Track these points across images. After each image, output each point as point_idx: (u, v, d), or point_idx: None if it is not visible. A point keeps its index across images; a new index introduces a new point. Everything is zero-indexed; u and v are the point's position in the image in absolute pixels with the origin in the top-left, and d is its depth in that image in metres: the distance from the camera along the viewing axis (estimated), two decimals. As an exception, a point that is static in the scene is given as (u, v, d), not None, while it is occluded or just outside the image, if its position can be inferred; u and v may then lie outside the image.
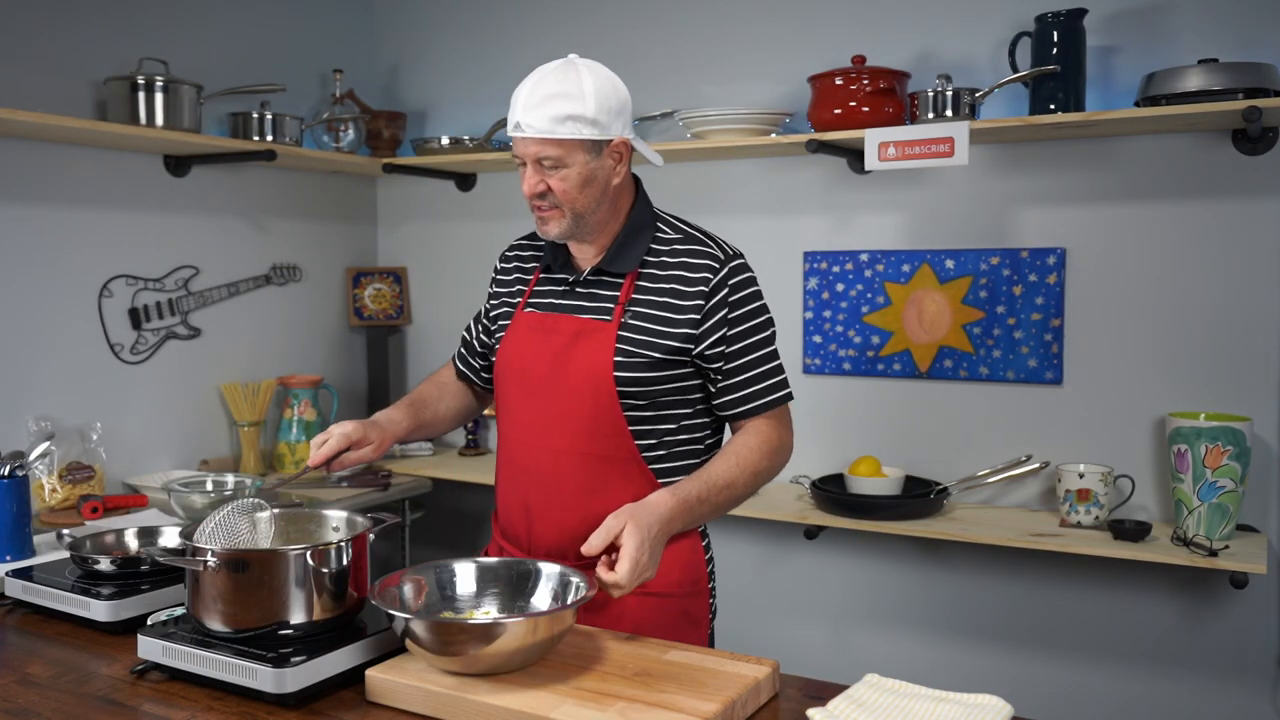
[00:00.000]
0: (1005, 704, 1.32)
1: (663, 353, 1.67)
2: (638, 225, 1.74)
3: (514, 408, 1.78)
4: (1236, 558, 2.29)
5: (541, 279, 1.82)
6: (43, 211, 2.74)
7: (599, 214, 1.70)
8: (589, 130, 1.62)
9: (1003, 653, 2.81)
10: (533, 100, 1.63)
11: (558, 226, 1.70)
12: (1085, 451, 2.66)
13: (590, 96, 1.62)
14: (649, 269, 1.72)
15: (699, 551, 1.80)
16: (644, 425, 1.70)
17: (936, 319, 2.84)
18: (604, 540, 1.51)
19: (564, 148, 1.63)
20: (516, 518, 1.79)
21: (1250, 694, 2.54)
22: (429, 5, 3.62)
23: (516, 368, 1.77)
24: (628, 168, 1.73)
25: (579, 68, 1.65)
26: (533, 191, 1.67)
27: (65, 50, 2.77)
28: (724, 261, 1.71)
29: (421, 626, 1.34)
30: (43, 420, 2.70)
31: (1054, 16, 2.49)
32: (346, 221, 3.65)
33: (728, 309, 1.69)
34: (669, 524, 1.58)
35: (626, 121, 1.69)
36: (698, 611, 1.79)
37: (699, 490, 1.64)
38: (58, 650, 1.58)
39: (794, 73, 2.93)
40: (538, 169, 1.66)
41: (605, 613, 1.70)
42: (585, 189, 1.66)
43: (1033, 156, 2.71)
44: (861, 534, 2.90)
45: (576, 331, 1.71)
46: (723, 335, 1.69)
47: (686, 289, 1.69)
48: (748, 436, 1.73)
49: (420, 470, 3.29)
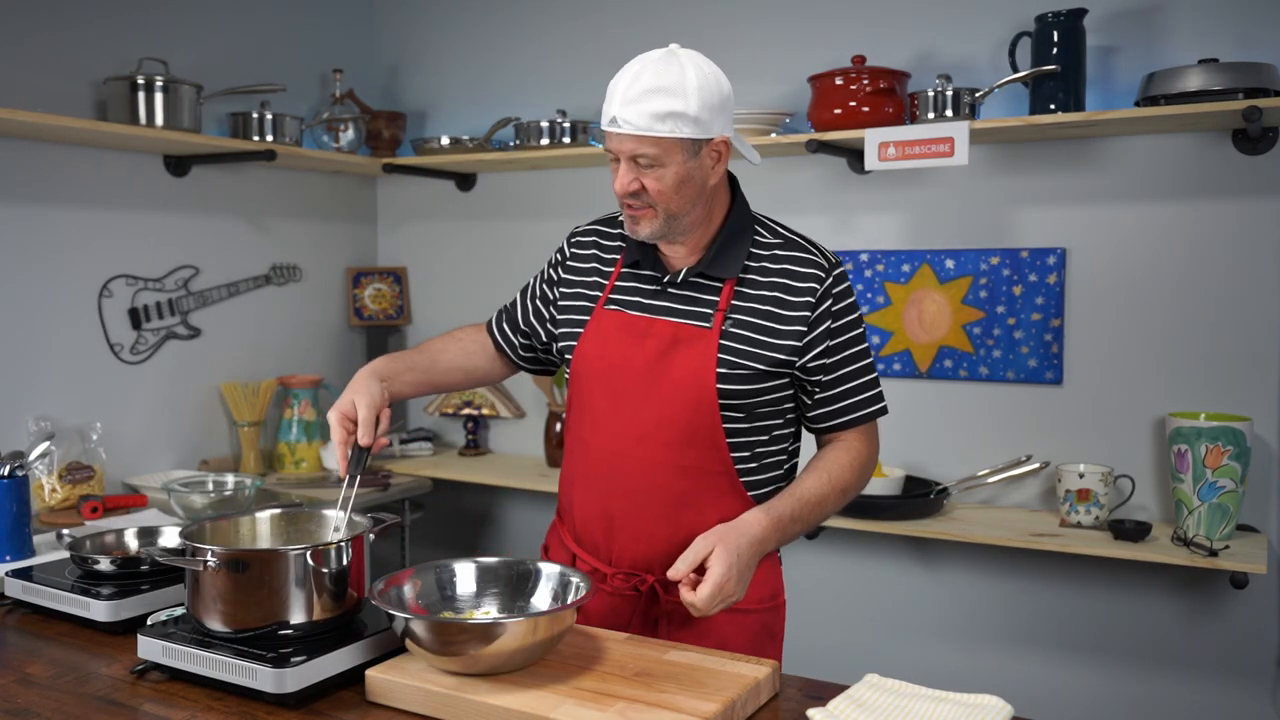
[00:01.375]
0: (1005, 704, 1.31)
1: (767, 364, 1.60)
2: (738, 228, 1.65)
3: (599, 411, 1.68)
4: (1236, 558, 2.29)
5: (625, 274, 1.71)
6: (43, 211, 2.74)
7: (694, 215, 1.61)
8: (689, 129, 1.52)
9: (1003, 653, 2.81)
10: (632, 93, 1.52)
11: (649, 227, 1.60)
12: (1085, 451, 2.66)
13: (694, 93, 1.51)
14: (750, 274, 1.63)
15: (777, 565, 1.76)
16: (740, 438, 1.63)
17: (936, 319, 2.84)
18: (690, 564, 1.47)
19: (662, 147, 1.52)
20: (595, 526, 1.70)
21: (1250, 694, 2.54)
22: (429, 5, 3.62)
23: (602, 369, 1.67)
24: (725, 167, 1.63)
25: (683, 60, 1.53)
26: (626, 190, 1.57)
27: (65, 50, 2.77)
28: (829, 270, 1.63)
29: (421, 626, 1.34)
30: (43, 420, 2.70)
31: (1054, 16, 2.49)
32: (346, 221, 3.65)
33: (831, 319, 1.62)
34: (762, 544, 1.53)
35: (728, 119, 1.58)
36: (775, 625, 1.74)
37: (792, 508, 1.58)
38: (58, 650, 1.58)
39: (794, 73, 2.93)
40: (632, 166, 1.56)
41: (693, 628, 1.65)
42: (681, 189, 1.56)
43: (1033, 156, 2.71)
44: (862, 534, 2.90)
45: (674, 337, 1.62)
46: (826, 347, 1.62)
47: (792, 298, 1.61)
48: (838, 452, 1.67)
49: (420, 470, 3.29)
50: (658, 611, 1.67)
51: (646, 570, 1.65)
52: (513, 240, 3.51)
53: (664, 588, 1.64)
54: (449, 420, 3.68)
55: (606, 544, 1.68)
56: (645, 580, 1.65)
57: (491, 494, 3.59)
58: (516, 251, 3.48)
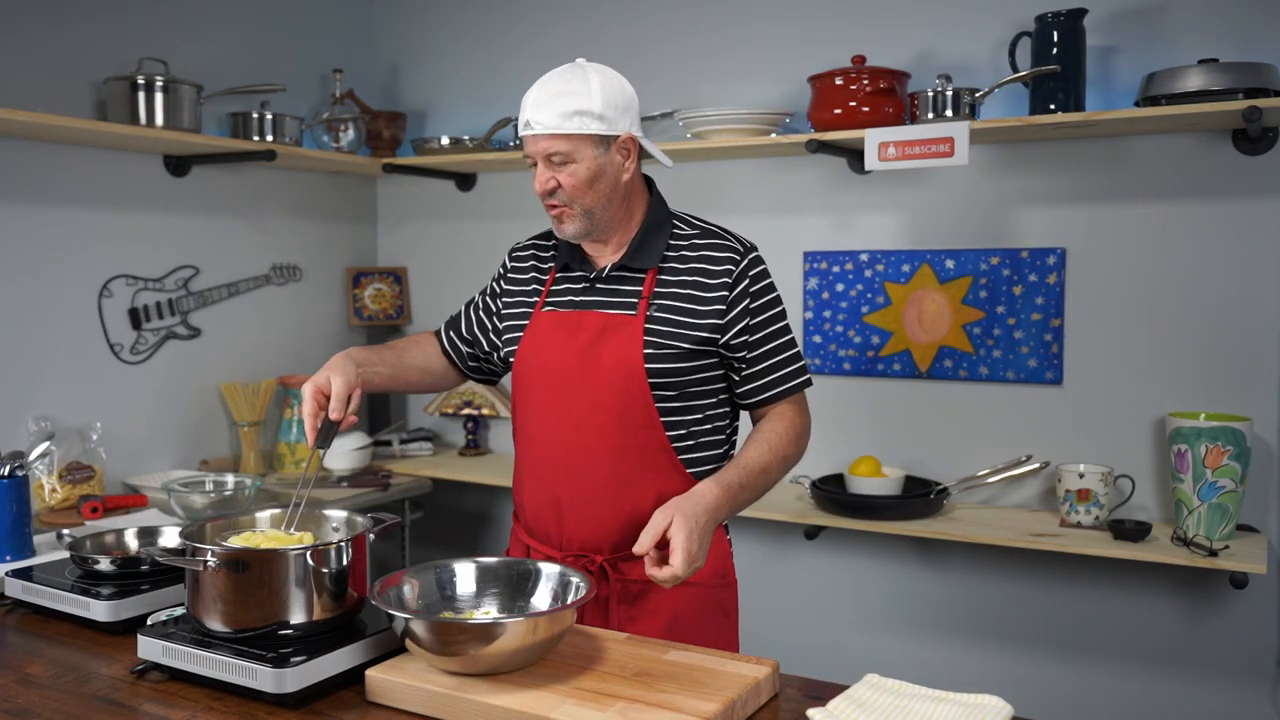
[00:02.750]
0: (1005, 704, 1.32)
1: (691, 343, 1.70)
2: (656, 222, 1.77)
3: (539, 405, 1.77)
4: (1236, 558, 2.29)
5: (558, 278, 1.82)
6: (43, 211, 2.74)
7: (611, 211, 1.73)
8: (596, 125, 1.66)
9: (1003, 653, 2.81)
10: (541, 98, 1.67)
11: (573, 225, 1.72)
12: (1085, 451, 2.66)
13: (597, 93, 1.66)
14: (669, 263, 1.75)
15: (724, 544, 1.83)
16: (673, 416, 1.72)
17: (936, 319, 2.84)
18: (653, 537, 1.53)
19: (572, 143, 1.66)
20: (546, 514, 1.78)
21: (1250, 694, 2.54)
22: (429, 5, 3.62)
23: (538, 365, 1.77)
24: (637, 165, 1.75)
25: (585, 68, 1.69)
26: (543, 188, 1.70)
27: (65, 50, 2.77)
28: (744, 254, 1.75)
29: (421, 626, 1.34)
30: (43, 420, 2.70)
31: (1054, 16, 2.49)
32: (346, 221, 3.65)
33: (749, 299, 1.73)
34: (716, 512, 1.60)
35: (634, 120, 1.72)
36: (728, 603, 1.82)
37: (739, 477, 1.66)
38: (58, 650, 1.58)
39: (794, 73, 2.93)
40: (548, 165, 1.69)
41: (643, 604, 1.73)
42: (594, 184, 1.69)
43: (1033, 156, 2.71)
44: (861, 534, 2.90)
45: (602, 326, 1.72)
46: (746, 325, 1.72)
47: (709, 281, 1.72)
48: (774, 422, 1.76)
49: (420, 470, 3.29)
50: (607, 590, 1.74)
51: (595, 551, 1.73)
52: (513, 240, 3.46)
53: (612, 566, 1.73)
54: (449, 420, 3.68)
55: (557, 530, 1.76)
56: (594, 560, 1.73)
57: (491, 494, 3.59)
58: (516, 251, 3.48)
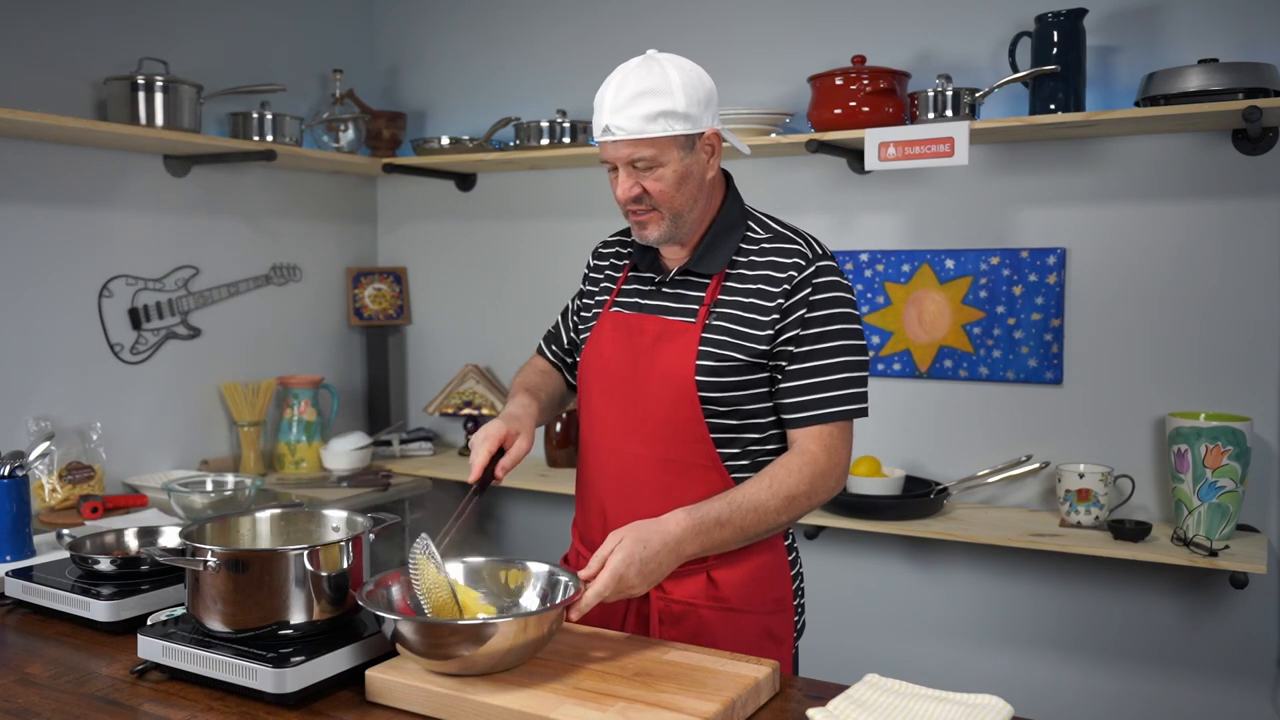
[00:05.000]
0: (1005, 704, 1.32)
1: (747, 355, 1.60)
2: (728, 224, 1.67)
3: (594, 409, 1.71)
4: (1236, 558, 2.29)
5: (630, 277, 1.75)
6: (43, 211, 2.74)
7: (696, 211, 1.63)
8: (681, 125, 1.55)
9: (1003, 653, 2.81)
10: (620, 100, 1.55)
11: (657, 230, 1.62)
12: (1085, 451, 2.66)
13: (679, 90, 1.54)
14: (738, 269, 1.64)
15: (784, 568, 1.71)
16: (727, 433, 1.62)
17: (936, 319, 2.84)
18: (600, 561, 1.45)
19: (658, 146, 1.55)
20: (594, 522, 1.72)
21: (1250, 694, 2.54)
22: (429, 5, 3.62)
23: (598, 367, 1.71)
24: (719, 160, 1.65)
25: (661, 62, 1.57)
26: (628, 196, 1.59)
27: (65, 50, 2.77)
28: (811, 260, 1.61)
29: (410, 628, 1.33)
30: (43, 420, 2.70)
31: (1054, 16, 2.49)
32: (346, 221, 3.65)
33: (806, 309, 1.60)
34: (678, 546, 1.49)
35: (715, 112, 1.61)
36: (781, 629, 1.71)
37: (720, 512, 1.53)
38: (58, 650, 1.58)
39: (794, 73, 2.93)
40: (631, 172, 1.58)
41: (683, 626, 1.65)
42: (682, 186, 1.59)
43: (1033, 156, 2.71)
44: (861, 534, 2.90)
45: (660, 333, 1.64)
46: (795, 335, 1.59)
47: (772, 289, 1.61)
48: (790, 456, 1.60)
49: (420, 470, 3.29)
50: (649, 609, 1.67)
51: None
52: (513, 240, 3.51)
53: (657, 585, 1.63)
54: (449, 420, 3.68)
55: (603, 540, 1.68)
56: None
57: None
58: (516, 251, 3.49)
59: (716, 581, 1.65)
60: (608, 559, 1.45)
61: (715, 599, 1.66)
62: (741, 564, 1.66)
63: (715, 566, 1.65)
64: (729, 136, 1.68)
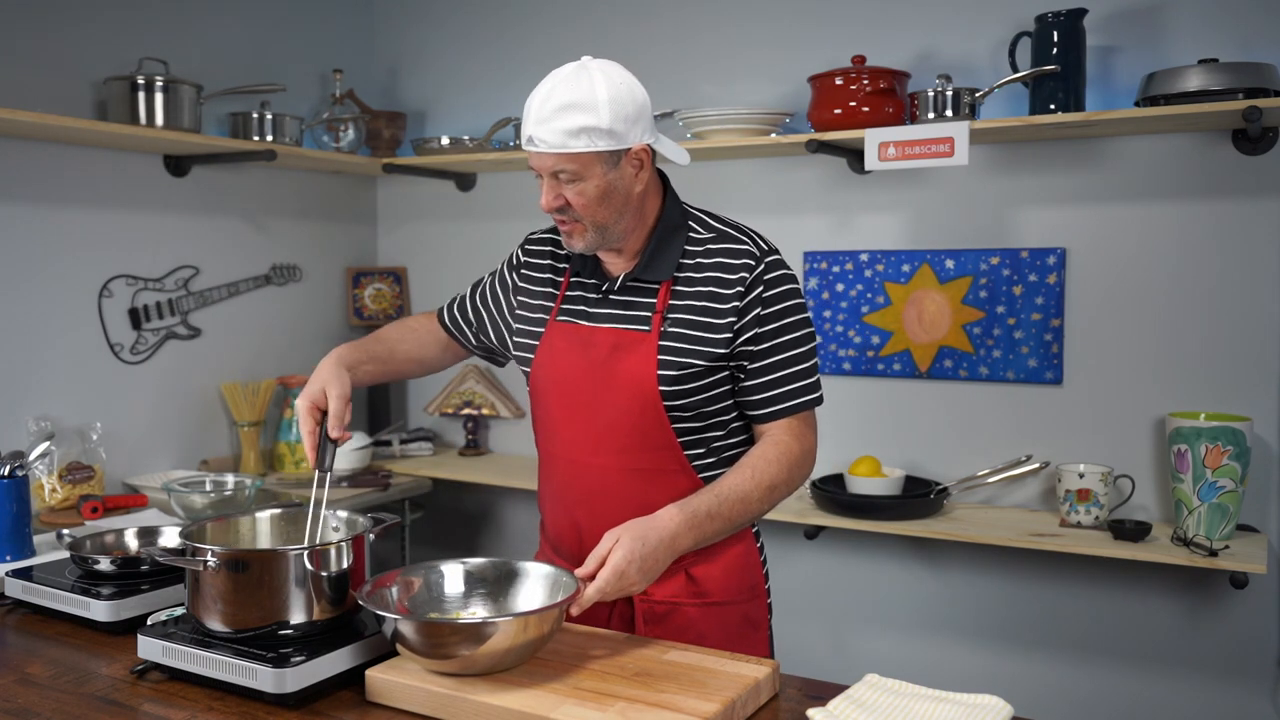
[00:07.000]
0: (1005, 704, 1.32)
1: (706, 359, 1.61)
2: (669, 228, 1.66)
3: (556, 423, 1.71)
4: (1236, 558, 2.29)
5: (572, 283, 1.72)
6: (43, 211, 2.74)
7: (623, 224, 1.62)
8: (605, 142, 1.52)
9: (1003, 653, 2.81)
10: (544, 112, 1.53)
11: (582, 241, 1.62)
12: (1085, 451, 2.66)
13: (604, 106, 1.51)
14: (685, 273, 1.64)
15: (754, 555, 1.76)
16: (693, 435, 1.64)
17: (936, 319, 2.84)
18: (598, 560, 1.46)
19: (580, 162, 1.54)
20: (567, 534, 1.73)
21: (1250, 694, 2.54)
22: (429, 5, 3.62)
23: (555, 380, 1.69)
24: (650, 173, 1.63)
25: (592, 73, 1.53)
26: (550, 206, 1.58)
27: (65, 50, 2.77)
28: (760, 258, 1.63)
29: (409, 627, 1.33)
30: (43, 420, 2.70)
31: (1054, 16, 2.49)
32: (346, 221, 3.65)
33: (761, 306, 1.61)
34: (674, 539, 1.51)
35: (646, 126, 1.58)
36: (757, 615, 1.76)
37: (709, 505, 1.56)
38: (58, 650, 1.58)
39: (794, 73, 2.93)
40: (554, 183, 1.57)
41: (668, 624, 1.67)
42: (605, 202, 1.57)
43: (1033, 156, 2.71)
44: (861, 534, 2.90)
45: (615, 344, 1.64)
46: (754, 334, 1.62)
47: (724, 291, 1.62)
48: (765, 447, 1.64)
49: (420, 470, 3.29)
50: (632, 612, 1.70)
51: None
52: (513, 240, 3.44)
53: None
54: (449, 420, 3.68)
55: (580, 551, 1.69)
56: None
57: (491, 494, 3.59)
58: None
59: (695, 578, 1.68)
60: (607, 556, 1.46)
61: (696, 594, 1.69)
62: (718, 558, 1.69)
63: (693, 564, 1.67)
64: (664, 147, 1.66)
